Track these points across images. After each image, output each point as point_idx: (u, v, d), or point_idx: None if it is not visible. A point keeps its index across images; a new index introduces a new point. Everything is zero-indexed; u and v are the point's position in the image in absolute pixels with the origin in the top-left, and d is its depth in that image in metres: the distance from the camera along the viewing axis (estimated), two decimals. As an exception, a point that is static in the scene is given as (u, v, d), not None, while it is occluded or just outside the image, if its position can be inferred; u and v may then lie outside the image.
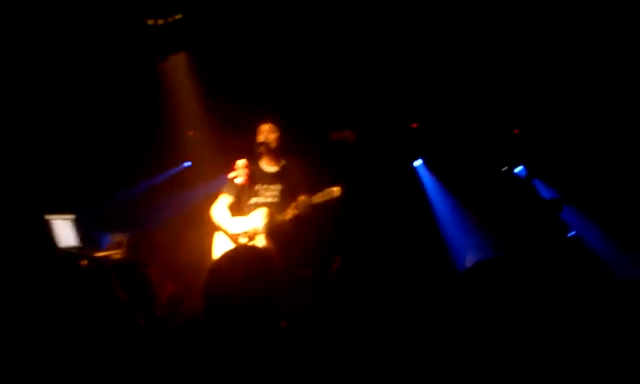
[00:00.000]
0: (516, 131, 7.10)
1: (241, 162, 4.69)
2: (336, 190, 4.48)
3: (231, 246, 4.55)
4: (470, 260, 6.50)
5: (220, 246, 4.73)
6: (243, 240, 4.61)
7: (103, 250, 5.14)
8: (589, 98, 6.22)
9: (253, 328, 2.03)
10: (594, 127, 6.44)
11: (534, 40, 5.73)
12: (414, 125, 7.25)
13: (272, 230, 4.58)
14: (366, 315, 2.13)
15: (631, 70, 5.67)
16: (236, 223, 4.72)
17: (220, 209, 4.80)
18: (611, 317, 2.29)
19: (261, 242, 4.56)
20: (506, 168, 7.00)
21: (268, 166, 4.82)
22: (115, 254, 5.12)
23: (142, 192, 6.81)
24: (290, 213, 4.56)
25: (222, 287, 2.13)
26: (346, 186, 4.53)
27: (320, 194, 4.51)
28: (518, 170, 7.15)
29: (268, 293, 2.13)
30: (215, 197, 4.88)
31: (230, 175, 4.73)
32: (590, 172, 6.56)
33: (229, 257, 2.25)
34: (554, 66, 5.97)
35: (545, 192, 6.89)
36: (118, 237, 5.29)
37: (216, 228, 4.79)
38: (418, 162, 7.46)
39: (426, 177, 7.35)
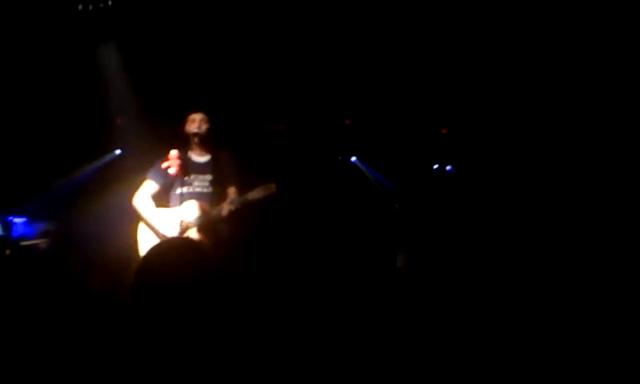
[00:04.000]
0: (444, 131, 7.34)
1: (174, 152, 4.60)
2: (273, 187, 4.44)
3: (158, 239, 4.43)
4: (401, 258, 6.62)
5: (147, 240, 4.55)
6: (173, 233, 4.45)
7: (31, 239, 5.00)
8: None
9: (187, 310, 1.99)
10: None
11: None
12: (348, 122, 7.34)
13: (204, 224, 4.51)
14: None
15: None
16: (163, 215, 4.58)
17: (144, 198, 4.62)
18: None
19: (192, 236, 4.42)
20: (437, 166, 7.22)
21: (198, 156, 4.76)
22: (42, 243, 4.98)
23: (74, 181, 6.58)
24: (226, 208, 4.48)
25: (154, 280, 2.09)
26: (280, 181, 4.50)
27: (257, 190, 4.45)
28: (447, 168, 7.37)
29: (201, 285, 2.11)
30: (139, 185, 4.68)
31: (164, 165, 4.63)
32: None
33: (163, 248, 2.16)
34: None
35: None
36: (46, 226, 5.17)
37: (138, 218, 4.61)
38: (353, 159, 7.56)
39: (366, 171, 7.44)
